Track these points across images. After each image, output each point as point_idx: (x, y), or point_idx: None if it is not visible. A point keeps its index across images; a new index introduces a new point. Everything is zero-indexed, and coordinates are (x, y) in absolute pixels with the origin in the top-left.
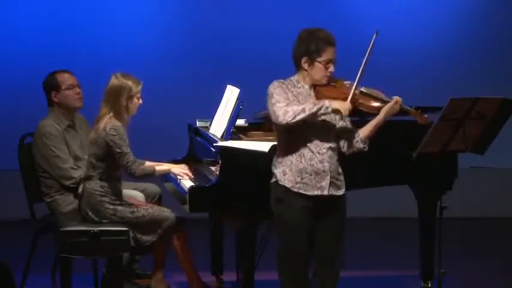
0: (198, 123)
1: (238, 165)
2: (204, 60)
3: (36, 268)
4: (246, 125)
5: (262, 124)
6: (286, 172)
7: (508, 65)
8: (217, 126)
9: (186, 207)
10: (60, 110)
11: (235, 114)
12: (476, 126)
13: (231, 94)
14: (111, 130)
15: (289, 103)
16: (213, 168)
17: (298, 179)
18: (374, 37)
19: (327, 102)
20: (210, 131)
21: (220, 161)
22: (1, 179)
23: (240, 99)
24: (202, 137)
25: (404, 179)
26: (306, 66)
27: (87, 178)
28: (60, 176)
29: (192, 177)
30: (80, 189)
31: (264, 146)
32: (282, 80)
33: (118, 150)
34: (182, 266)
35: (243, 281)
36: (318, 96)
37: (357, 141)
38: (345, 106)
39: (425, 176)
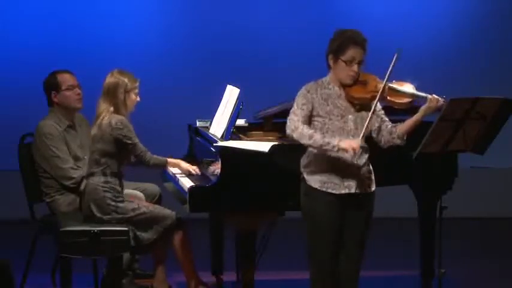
0: (198, 123)
1: (238, 165)
2: (204, 60)
3: (36, 268)
4: (246, 125)
5: (262, 124)
6: (314, 172)
7: (508, 65)
8: (217, 126)
9: (186, 207)
10: (60, 110)
11: (235, 114)
12: (476, 126)
13: (231, 94)
14: (118, 124)
15: (304, 122)
16: (213, 168)
17: (326, 179)
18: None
19: (335, 142)
20: (210, 131)
21: (220, 161)
22: (1, 179)
23: (240, 99)
24: (202, 137)
25: (404, 179)
26: (331, 63)
27: (90, 174)
28: (60, 176)
29: (199, 174)
30: (83, 187)
31: (264, 146)
32: (312, 83)
33: (129, 142)
34: (182, 266)
35: (243, 281)
36: (346, 98)
37: (394, 137)
38: (353, 145)
39: (425, 176)
